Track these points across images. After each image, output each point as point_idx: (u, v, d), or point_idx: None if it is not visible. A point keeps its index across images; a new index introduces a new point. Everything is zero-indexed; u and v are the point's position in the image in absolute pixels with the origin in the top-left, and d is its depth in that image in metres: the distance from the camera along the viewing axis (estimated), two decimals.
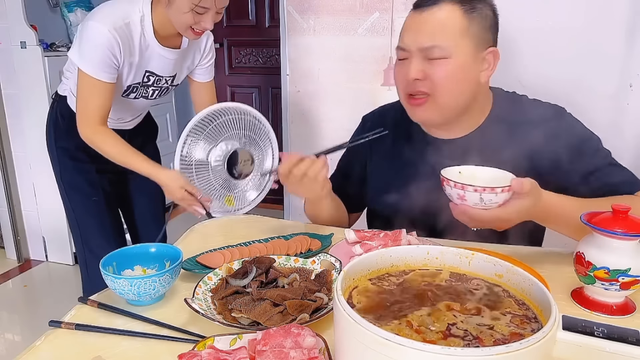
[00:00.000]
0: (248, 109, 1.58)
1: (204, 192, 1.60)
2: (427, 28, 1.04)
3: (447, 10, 1.03)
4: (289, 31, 2.31)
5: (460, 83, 1.05)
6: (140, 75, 1.57)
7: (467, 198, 0.88)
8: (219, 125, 1.56)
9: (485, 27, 1.05)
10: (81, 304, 0.88)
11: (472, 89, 1.07)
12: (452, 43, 1.02)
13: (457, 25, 1.02)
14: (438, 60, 1.03)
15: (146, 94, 1.64)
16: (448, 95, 1.06)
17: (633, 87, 1.72)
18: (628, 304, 0.86)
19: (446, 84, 1.04)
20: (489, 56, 1.07)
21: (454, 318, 0.57)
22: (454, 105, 1.08)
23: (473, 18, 1.03)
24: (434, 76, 1.04)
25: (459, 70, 1.04)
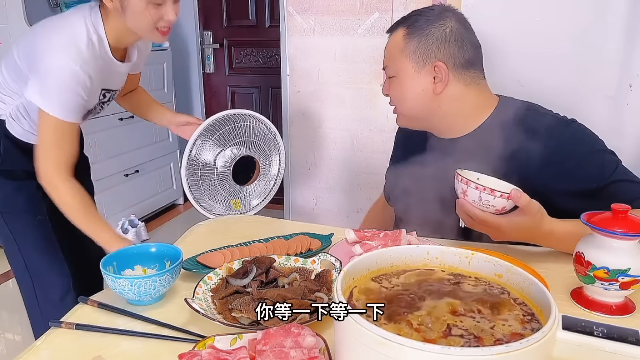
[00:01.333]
0: (261, 117, 1.60)
1: (209, 195, 1.61)
2: (385, 51, 1.22)
3: (395, 36, 1.18)
4: (289, 31, 2.31)
5: (408, 97, 1.17)
6: (96, 95, 1.40)
7: (468, 194, 0.95)
8: (229, 130, 1.57)
9: (426, 45, 1.13)
10: (81, 304, 0.89)
11: (425, 100, 1.16)
12: (394, 63, 1.17)
13: (398, 47, 1.16)
14: (390, 79, 1.20)
15: (99, 112, 1.50)
16: (402, 107, 1.20)
17: (633, 87, 1.72)
18: (628, 304, 0.86)
19: (397, 98, 1.19)
20: (438, 69, 1.12)
21: (454, 318, 0.57)
22: (412, 114, 1.20)
23: (412, 38, 1.14)
24: (390, 93, 1.21)
25: (403, 86, 1.17)
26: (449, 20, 1.13)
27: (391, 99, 1.22)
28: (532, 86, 1.72)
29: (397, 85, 1.18)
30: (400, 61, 1.16)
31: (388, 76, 1.21)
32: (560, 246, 1.02)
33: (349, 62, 2.27)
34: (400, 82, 1.17)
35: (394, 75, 1.18)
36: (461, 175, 0.97)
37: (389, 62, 1.20)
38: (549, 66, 1.80)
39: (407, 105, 1.19)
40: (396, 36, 1.18)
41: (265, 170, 1.67)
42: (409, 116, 1.21)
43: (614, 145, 1.13)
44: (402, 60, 1.16)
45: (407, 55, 1.15)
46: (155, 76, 3.35)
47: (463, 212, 0.98)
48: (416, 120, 1.22)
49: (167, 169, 3.62)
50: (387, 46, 1.21)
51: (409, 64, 1.15)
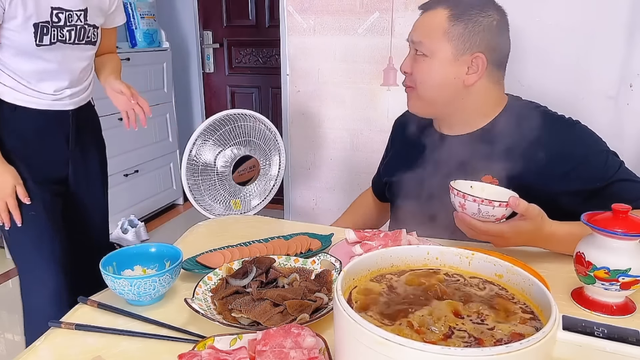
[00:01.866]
0: (261, 117, 1.59)
1: (209, 195, 1.60)
2: (419, 26, 1.15)
3: (436, 14, 1.11)
4: (289, 31, 2.31)
5: (437, 81, 1.13)
6: (45, 12, 1.35)
7: (467, 207, 0.94)
8: (229, 130, 1.57)
9: (472, 33, 1.09)
10: (81, 304, 0.88)
11: (453, 90, 1.13)
12: (432, 43, 1.11)
13: (440, 27, 1.10)
14: (420, 57, 1.13)
15: (63, 37, 1.40)
16: (426, 90, 1.14)
17: (633, 87, 1.72)
18: (628, 304, 0.86)
19: (423, 80, 1.13)
20: (475, 61, 1.10)
21: (455, 319, 0.57)
22: (432, 100, 1.15)
23: (457, 23, 1.09)
24: (415, 71, 1.14)
25: (435, 68, 1.12)
26: (494, 11, 1.10)
27: (411, 79, 1.16)
28: (532, 86, 1.72)
29: (427, 66, 1.12)
30: (441, 43, 1.10)
31: (417, 53, 1.14)
32: (561, 248, 1.01)
33: (349, 62, 2.27)
34: (433, 64, 1.11)
35: (426, 55, 1.12)
36: (456, 188, 0.95)
37: (425, 39, 1.12)
38: (550, 66, 1.80)
39: (432, 90, 1.14)
40: (438, 15, 1.11)
41: (265, 170, 1.67)
42: (428, 101, 1.16)
43: (615, 145, 1.13)
44: (442, 42, 1.10)
45: (450, 39, 1.09)
46: (155, 76, 3.35)
47: (464, 225, 0.98)
48: (433, 108, 1.17)
49: (167, 169, 3.62)
50: (424, 22, 1.14)
51: (450, 48, 1.10)
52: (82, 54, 1.48)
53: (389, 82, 2.22)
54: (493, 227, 0.94)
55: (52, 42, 1.38)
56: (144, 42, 3.29)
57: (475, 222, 0.94)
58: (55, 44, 1.39)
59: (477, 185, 1.03)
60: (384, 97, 2.24)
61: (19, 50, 1.36)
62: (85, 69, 1.51)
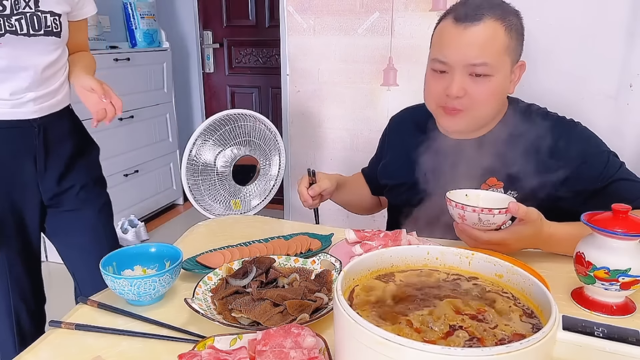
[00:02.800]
0: (261, 117, 1.59)
1: (209, 195, 1.60)
2: (475, 44, 1.02)
3: (491, 27, 1.01)
4: (289, 31, 2.31)
5: (498, 99, 1.08)
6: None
7: (467, 218, 0.94)
8: (229, 130, 1.57)
9: (518, 42, 1.07)
10: (81, 304, 0.88)
11: (503, 101, 1.11)
12: (496, 61, 1.03)
13: (501, 43, 1.02)
14: (481, 78, 1.03)
15: (12, 27, 1.17)
16: (484, 109, 1.08)
17: (633, 87, 1.72)
18: (628, 304, 0.86)
19: (485, 100, 1.06)
20: (517, 69, 1.09)
21: (455, 319, 0.57)
22: (486, 118, 1.11)
23: (512, 34, 1.04)
24: (474, 93, 1.05)
25: (499, 87, 1.05)
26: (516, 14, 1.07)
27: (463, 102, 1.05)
28: (532, 86, 1.71)
29: (492, 86, 1.04)
30: (503, 59, 1.03)
31: (477, 74, 1.03)
32: (561, 249, 1.01)
33: (349, 62, 2.27)
34: (498, 82, 1.04)
35: (490, 74, 1.03)
36: (454, 200, 0.95)
37: (488, 59, 1.01)
38: (550, 66, 1.80)
39: (490, 108, 1.08)
40: (492, 29, 1.01)
41: (265, 170, 1.67)
42: (481, 120, 1.10)
43: (615, 145, 1.13)
44: (504, 59, 1.04)
45: (509, 53, 1.04)
46: (155, 76, 3.35)
47: (465, 236, 0.97)
48: (481, 124, 1.11)
49: (167, 169, 3.62)
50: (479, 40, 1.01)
51: (509, 62, 1.05)
52: (42, 48, 1.23)
53: (389, 82, 2.22)
54: (495, 235, 0.94)
55: (1, 34, 1.16)
56: (144, 42, 3.29)
57: (478, 232, 0.94)
58: (4, 36, 1.16)
59: (472, 192, 1.02)
60: (384, 97, 2.24)
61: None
62: (51, 66, 1.26)
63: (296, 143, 2.49)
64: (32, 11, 1.19)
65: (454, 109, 1.07)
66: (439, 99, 1.10)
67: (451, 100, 1.06)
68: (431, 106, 1.14)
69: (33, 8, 1.20)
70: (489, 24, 1.01)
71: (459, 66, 1.04)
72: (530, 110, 1.16)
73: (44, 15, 1.21)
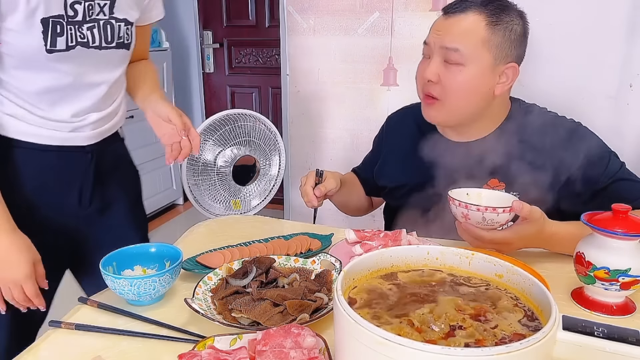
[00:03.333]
0: (261, 117, 1.59)
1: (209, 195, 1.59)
2: (451, 31, 1.05)
3: (472, 19, 1.04)
4: (289, 31, 2.31)
5: (471, 92, 1.07)
6: (58, 3, 0.96)
7: (471, 217, 0.93)
8: (229, 130, 1.57)
9: (508, 41, 1.05)
10: (81, 304, 0.88)
11: (483, 99, 1.09)
12: (470, 51, 1.03)
13: (479, 35, 1.03)
14: (453, 66, 1.05)
15: (84, 38, 1.01)
16: (457, 101, 1.08)
17: (633, 87, 1.72)
18: (628, 304, 0.86)
19: (456, 91, 1.06)
20: (508, 71, 1.07)
21: (456, 319, 0.57)
22: (461, 111, 1.10)
23: (496, 31, 1.03)
24: (446, 82, 1.06)
25: (471, 79, 1.05)
26: (519, 17, 1.07)
27: (437, 88, 1.08)
28: (533, 86, 1.72)
29: (462, 76, 1.05)
30: (480, 52, 1.04)
31: (450, 61, 1.05)
32: (562, 248, 1.01)
33: (349, 62, 2.26)
34: (470, 74, 1.05)
35: (462, 64, 1.04)
36: (457, 199, 0.94)
37: (462, 46, 1.04)
38: (550, 66, 1.80)
39: (464, 101, 1.08)
40: (473, 20, 1.04)
41: (265, 170, 1.67)
42: (455, 112, 1.10)
43: (615, 145, 1.13)
44: (481, 51, 1.04)
45: (490, 48, 1.04)
46: None
47: (468, 236, 0.97)
48: (457, 118, 1.12)
49: (167, 169, 3.62)
50: (458, 27, 1.04)
51: (489, 58, 1.04)
52: (110, 62, 1.08)
53: (389, 82, 2.22)
54: (498, 235, 0.93)
55: (70, 45, 1.00)
56: None
57: (481, 232, 0.93)
58: (75, 49, 1.00)
59: (473, 192, 1.02)
60: (384, 97, 2.24)
61: (24, 60, 0.98)
62: (116, 83, 1.12)
63: (296, 143, 2.48)
64: (107, 18, 1.04)
65: (430, 95, 1.10)
66: (421, 85, 1.13)
67: (428, 86, 1.09)
68: (419, 93, 1.16)
69: (107, 14, 1.04)
70: (470, 16, 1.04)
71: (435, 48, 1.07)
72: (532, 111, 1.16)
73: (119, 23, 1.07)
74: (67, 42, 0.99)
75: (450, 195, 0.96)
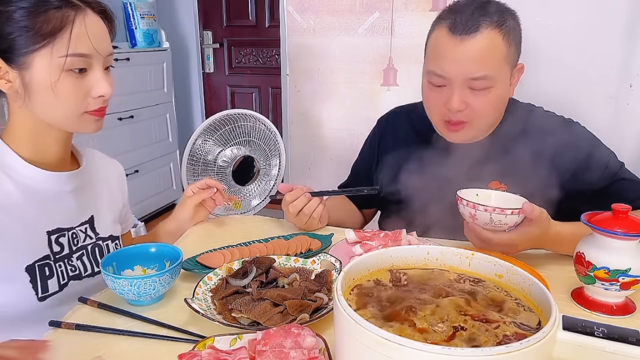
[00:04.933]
0: (261, 117, 1.59)
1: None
2: (474, 58, 0.98)
3: (489, 38, 0.98)
4: (289, 31, 2.31)
5: (500, 107, 1.07)
6: (40, 242, 0.92)
7: (478, 217, 0.91)
8: (229, 130, 1.57)
9: (516, 46, 1.04)
10: (81, 304, 0.88)
11: (504, 106, 1.10)
12: (496, 72, 1.00)
13: (500, 53, 0.99)
14: (481, 91, 1.01)
15: (76, 271, 0.97)
16: (487, 120, 1.07)
17: (633, 87, 1.72)
18: (628, 304, 0.86)
19: (488, 112, 1.04)
20: (516, 72, 1.08)
21: (456, 319, 0.57)
22: (490, 126, 1.10)
23: (511, 40, 1.01)
24: (476, 106, 1.02)
25: (500, 97, 1.04)
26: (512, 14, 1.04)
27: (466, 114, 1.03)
28: (532, 86, 1.71)
29: (492, 97, 1.01)
30: (503, 69, 1.00)
31: (476, 87, 1.00)
32: (566, 249, 1.00)
33: (349, 62, 2.26)
34: (499, 93, 1.02)
35: (492, 86, 1.00)
36: (465, 199, 0.92)
37: (489, 72, 0.98)
38: (550, 66, 1.80)
39: (492, 117, 1.07)
40: (492, 38, 0.97)
41: (265, 170, 1.67)
42: (486, 128, 1.09)
43: (615, 145, 1.13)
44: (504, 68, 1.00)
45: (509, 61, 1.01)
46: (155, 76, 3.35)
47: (473, 237, 0.95)
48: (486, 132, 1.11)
49: (167, 169, 3.62)
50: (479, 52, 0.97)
51: (509, 70, 1.02)
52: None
53: (389, 82, 2.22)
54: (505, 237, 0.92)
55: (63, 284, 0.94)
56: (144, 42, 3.29)
57: (488, 234, 0.92)
58: (67, 285, 0.95)
59: (483, 192, 1.00)
60: (384, 97, 2.24)
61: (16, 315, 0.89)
62: None
63: (296, 143, 2.48)
64: (93, 241, 1.02)
65: (458, 122, 1.05)
66: (442, 113, 1.07)
67: (454, 114, 1.04)
68: (434, 119, 1.12)
69: (93, 237, 1.02)
70: (486, 34, 0.98)
71: (458, 80, 1.01)
72: (529, 110, 1.16)
73: (105, 242, 1.05)
74: (59, 282, 0.94)
75: (458, 195, 0.95)
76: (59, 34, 0.85)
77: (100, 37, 0.90)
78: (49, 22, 0.84)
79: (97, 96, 0.91)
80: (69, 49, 0.85)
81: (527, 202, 0.90)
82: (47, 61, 0.85)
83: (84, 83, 0.89)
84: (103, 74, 0.91)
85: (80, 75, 0.88)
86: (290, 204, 1.13)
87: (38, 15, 0.84)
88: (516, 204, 0.92)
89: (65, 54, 0.85)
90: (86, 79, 0.90)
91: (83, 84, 0.89)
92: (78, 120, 0.91)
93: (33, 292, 0.90)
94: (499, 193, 1.00)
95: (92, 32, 0.88)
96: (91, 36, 0.88)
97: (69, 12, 0.85)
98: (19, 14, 0.84)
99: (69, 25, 0.85)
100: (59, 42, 0.85)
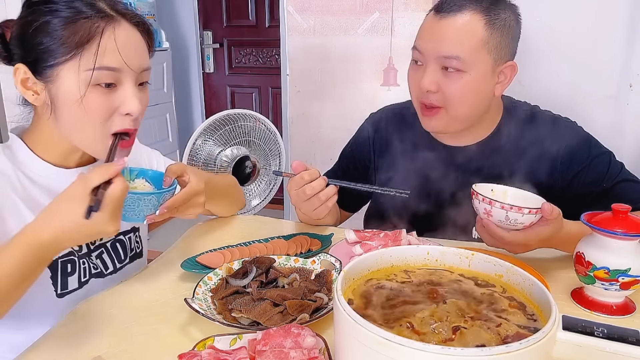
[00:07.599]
0: (261, 117, 1.59)
1: None
2: (448, 36, 0.98)
3: (469, 19, 0.97)
4: (289, 31, 2.31)
5: (474, 97, 1.02)
6: None
7: (493, 214, 0.87)
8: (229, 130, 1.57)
9: (506, 40, 1.00)
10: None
11: (485, 102, 1.05)
12: (471, 56, 0.98)
13: (477, 37, 0.97)
14: (453, 73, 0.99)
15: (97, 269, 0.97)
16: (461, 108, 1.03)
17: (633, 87, 1.72)
18: (628, 304, 0.86)
19: (460, 98, 1.01)
20: (507, 70, 1.03)
21: (456, 319, 0.57)
22: (466, 117, 1.06)
23: (495, 30, 0.98)
24: (447, 90, 1.01)
25: (474, 85, 1.00)
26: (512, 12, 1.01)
27: (438, 97, 1.01)
28: (532, 86, 1.72)
29: (464, 83, 0.98)
30: (481, 55, 0.97)
31: (448, 67, 0.98)
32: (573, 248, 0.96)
33: (349, 62, 2.26)
34: (472, 80, 0.98)
35: (462, 70, 0.98)
36: (481, 194, 0.88)
37: (461, 52, 0.97)
38: (550, 66, 1.80)
39: (466, 107, 1.02)
40: (470, 22, 0.96)
41: (265, 170, 1.67)
42: (460, 120, 1.04)
43: (615, 145, 1.13)
44: (482, 55, 0.97)
45: (490, 50, 0.98)
46: (155, 76, 3.35)
47: (485, 233, 0.91)
48: (461, 125, 1.06)
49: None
50: (454, 32, 0.97)
51: (489, 60, 0.98)
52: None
53: (389, 82, 2.22)
54: (518, 236, 0.88)
55: (84, 281, 0.93)
56: None
57: (502, 232, 0.88)
58: (88, 283, 0.94)
59: (499, 188, 0.96)
60: (384, 97, 2.23)
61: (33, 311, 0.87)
62: None
63: (296, 143, 2.48)
64: (113, 238, 0.98)
65: (431, 106, 1.03)
66: (418, 94, 1.06)
67: (427, 95, 1.03)
68: (414, 102, 1.10)
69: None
70: (466, 16, 0.97)
71: (431, 57, 1.00)
72: (526, 110, 1.14)
73: (127, 235, 1.00)
74: (80, 279, 0.92)
75: (474, 189, 0.90)
76: (86, 45, 0.79)
77: (133, 50, 0.83)
78: (76, 33, 0.79)
79: (124, 114, 0.84)
80: (95, 62, 0.79)
81: (546, 203, 0.86)
82: (74, 74, 0.80)
83: (112, 99, 0.83)
84: (134, 90, 0.84)
85: (108, 91, 0.82)
86: (309, 184, 1.02)
87: (68, 25, 0.79)
88: (532, 203, 0.88)
89: (92, 67, 0.79)
90: (115, 94, 0.83)
91: (111, 100, 0.83)
92: (103, 143, 0.85)
93: (52, 287, 0.88)
94: (516, 190, 0.96)
95: (123, 44, 0.81)
96: (121, 49, 0.81)
97: (99, 22, 0.80)
98: (55, 24, 0.79)
99: (97, 37, 0.80)
100: (86, 55, 0.79)
